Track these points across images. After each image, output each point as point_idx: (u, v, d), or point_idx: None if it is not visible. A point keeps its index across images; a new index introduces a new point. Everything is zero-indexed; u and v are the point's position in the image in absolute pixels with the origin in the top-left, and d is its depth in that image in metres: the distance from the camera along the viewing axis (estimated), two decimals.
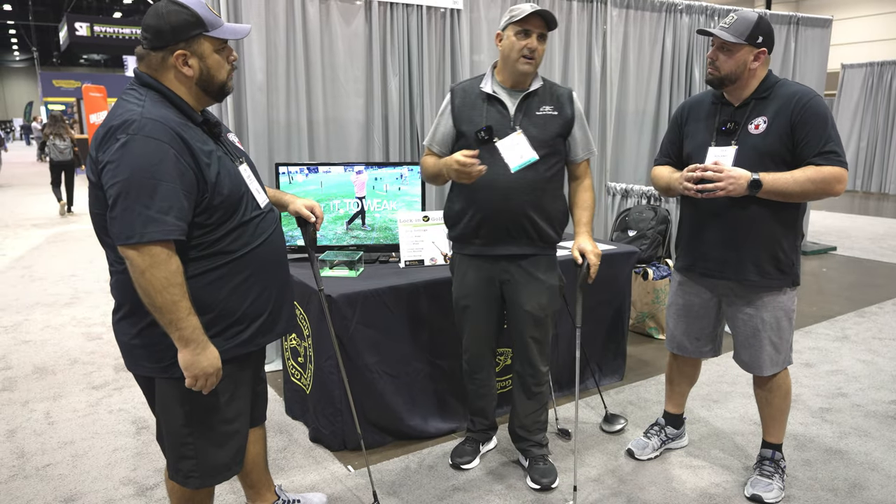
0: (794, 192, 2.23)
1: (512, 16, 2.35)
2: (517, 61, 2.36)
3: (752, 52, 2.29)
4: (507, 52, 2.38)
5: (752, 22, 2.28)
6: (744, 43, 2.27)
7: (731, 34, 2.28)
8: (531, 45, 2.34)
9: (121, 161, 1.57)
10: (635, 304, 4.34)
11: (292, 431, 3.10)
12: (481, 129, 2.39)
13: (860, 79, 11.92)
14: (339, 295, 2.69)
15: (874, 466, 2.78)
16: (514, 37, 2.35)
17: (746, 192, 2.22)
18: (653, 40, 5.20)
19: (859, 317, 4.87)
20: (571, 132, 2.49)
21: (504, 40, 2.39)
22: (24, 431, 3.15)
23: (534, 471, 2.63)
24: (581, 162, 2.55)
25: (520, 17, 2.31)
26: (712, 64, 2.35)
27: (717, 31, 2.31)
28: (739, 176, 2.21)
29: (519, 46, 2.34)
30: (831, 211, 10.24)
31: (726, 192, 2.23)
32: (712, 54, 2.35)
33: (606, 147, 5.11)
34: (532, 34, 2.34)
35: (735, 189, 2.22)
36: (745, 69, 2.31)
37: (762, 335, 2.43)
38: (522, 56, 2.35)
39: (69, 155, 10.01)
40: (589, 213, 2.56)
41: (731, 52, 2.29)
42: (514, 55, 2.35)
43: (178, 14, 1.68)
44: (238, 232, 1.77)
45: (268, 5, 3.63)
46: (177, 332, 1.63)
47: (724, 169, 2.23)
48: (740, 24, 2.28)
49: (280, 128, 3.79)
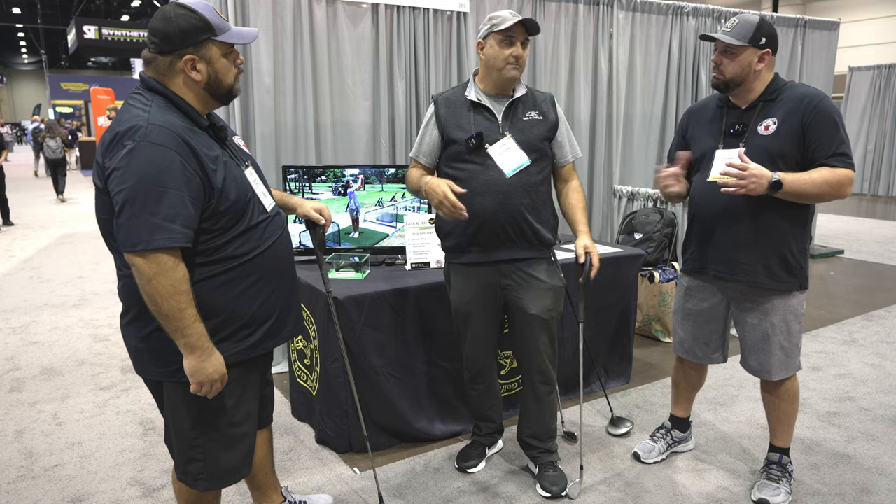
0: (811, 193, 2.22)
1: (493, 24, 2.36)
2: (503, 69, 2.37)
3: (756, 54, 2.30)
4: (492, 61, 2.38)
5: (753, 24, 2.29)
6: (746, 45, 2.28)
7: (734, 37, 2.29)
8: (516, 53, 2.36)
9: (127, 168, 1.58)
10: (641, 307, 4.33)
11: (298, 433, 3.11)
12: (472, 136, 2.40)
13: (867, 82, 11.88)
14: (346, 297, 2.70)
15: (882, 471, 2.77)
16: (497, 45, 2.36)
17: (766, 191, 2.20)
18: (659, 43, 5.20)
19: (867, 320, 4.85)
20: (556, 136, 2.53)
21: (487, 49, 2.39)
22: (32, 432, 3.17)
23: (543, 478, 2.62)
24: (567, 164, 2.59)
25: (502, 26, 2.32)
26: (717, 68, 2.36)
27: (718, 35, 2.33)
28: (762, 175, 2.17)
29: (504, 55, 2.35)
30: (839, 214, 10.20)
31: (747, 191, 2.20)
32: (716, 58, 2.36)
33: (613, 150, 5.10)
34: (516, 41, 2.36)
35: (756, 188, 2.19)
36: (749, 71, 2.31)
37: (772, 339, 2.43)
38: (508, 64, 2.36)
39: (60, 153, 12.29)
40: (584, 212, 2.59)
41: (735, 55, 2.30)
42: (500, 63, 2.37)
43: (186, 18, 1.67)
44: (245, 236, 1.77)
45: (275, 8, 3.64)
46: (182, 339, 1.64)
47: (748, 166, 2.18)
48: (742, 27, 2.29)
49: (287, 130, 3.80)
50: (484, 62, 2.43)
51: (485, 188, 2.39)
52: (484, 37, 2.40)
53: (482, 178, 2.39)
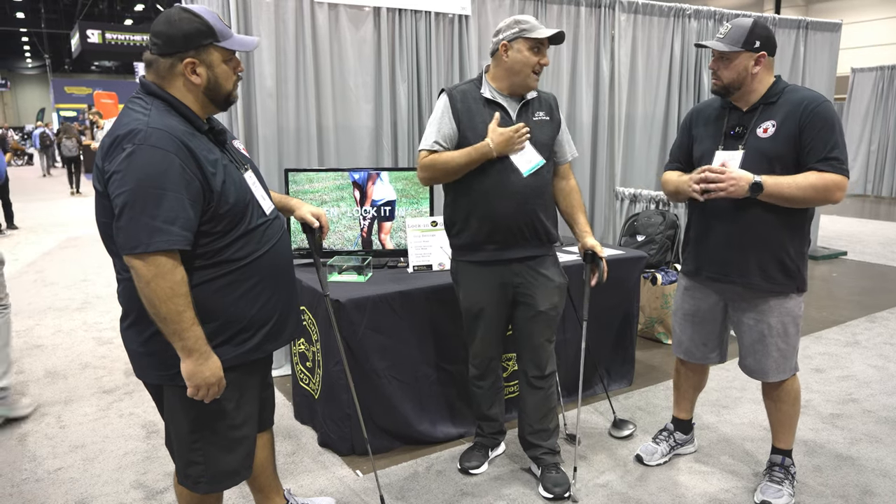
0: (796, 196, 2.23)
1: (523, 29, 2.35)
2: (528, 76, 2.40)
3: (752, 58, 2.31)
4: (518, 66, 2.38)
5: (746, 28, 2.30)
6: (740, 50, 2.29)
7: (726, 44, 2.31)
8: (544, 62, 2.40)
9: (127, 171, 1.58)
10: (644, 309, 4.33)
11: (301, 436, 3.11)
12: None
13: (870, 83, 11.86)
14: (348, 300, 2.70)
15: (885, 473, 2.76)
16: (527, 51, 2.36)
17: (747, 194, 2.23)
18: (661, 45, 5.20)
19: (870, 322, 4.84)
20: (559, 135, 2.57)
21: (514, 52, 2.37)
22: (36, 435, 3.18)
23: (546, 479, 2.62)
24: (566, 163, 2.64)
25: (535, 34, 2.34)
26: (714, 74, 2.39)
27: (711, 42, 2.36)
28: (740, 178, 2.23)
29: (533, 62, 2.37)
30: (841, 215, 10.17)
31: (727, 194, 2.25)
32: (713, 65, 2.39)
33: (615, 152, 5.10)
34: (544, 50, 2.39)
35: (736, 191, 2.23)
36: (746, 75, 2.33)
37: (768, 341, 2.43)
38: (533, 72, 2.39)
39: (76, 152, 14.16)
40: (584, 213, 2.67)
41: (730, 60, 2.33)
42: (526, 70, 2.38)
43: (189, 22, 1.69)
44: (244, 240, 1.77)
45: (277, 12, 3.65)
46: (180, 342, 1.64)
47: (726, 170, 2.25)
48: (734, 33, 2.31)
49: (290, 134, 3.81)
50: (505, 64, 2.41)
51: (502, 189, 2.41)
52: (510, 39, 2.37)
53: (499, 179, 2.40)
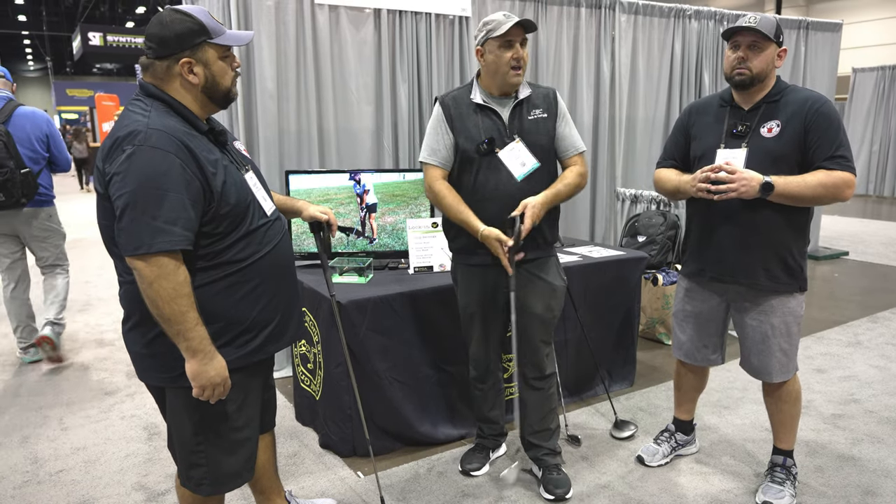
0: (806, 195, 2.23)
1: (489, 30, 2.33)
2: (507, 74, 2.36)
3: (776, 51, 2.30)
4: (494, 67, 2.37)
5: (773, 22, 2.29)
6: (773, 40, 2.27)
7: (765, 30, 2.25)
8: (517, 55, 2.34)
9: (127, 172, 1.59)
10: (645, 310, 4.33)
11: (302, 437, 3.12)
12: (483, 142, 2.40)
13: (871, 82, 11.85)
14: (349, 301, 2.70)
15: (887, 473, 2.76)
16: (497, 50, 2.33)
17: (758, 194, 2.22)
18: (662, 46, 5.20)
19: (872, 322, 4.83)
20: (559, 129, 2.49)
21: (487, 55, 2.37)
22: (38, 437, 3.18)
23: (547, 481, 2.62)
24: (569, 157, 2.51)
25: (499, 31, 2.30)
26: (742, 64, 2.29)
27: (757, 24, 2.25)
28: (751, 178, 2.21)
29: (506, 59, 2.33)
30: (843, 215, 10.16)
31: (738, 194, 2.22)
32: (743, 54, 2.29)
33: (616, 153, 5.10)
34: (515, 43, 2.34)
35: (747, 191, 2.21)
36: (771, 68, 2.31)
37: (772, 341, 2.42)
38: (511, 68, 2.35)
39: (86, 153, 15.53)
40: (563, 185, 2.43)
41: (762, 49, 2.27)
42: (503, 68, 2.35)
43: (181, 22, 1.69)
44: (246, 241, 1.78)
45: (277, 14, 3.66)
46: (184, 342, 1.64)
47: (736, 170, 2.22)
48: (766, 23, 2.27)
49: (290, 135, 3.82)
50: (486, 67, 2.41)
51: (495, 193, 2.40)
52: (482, 43, 2.38)
53: (492, 183, 2.39)
